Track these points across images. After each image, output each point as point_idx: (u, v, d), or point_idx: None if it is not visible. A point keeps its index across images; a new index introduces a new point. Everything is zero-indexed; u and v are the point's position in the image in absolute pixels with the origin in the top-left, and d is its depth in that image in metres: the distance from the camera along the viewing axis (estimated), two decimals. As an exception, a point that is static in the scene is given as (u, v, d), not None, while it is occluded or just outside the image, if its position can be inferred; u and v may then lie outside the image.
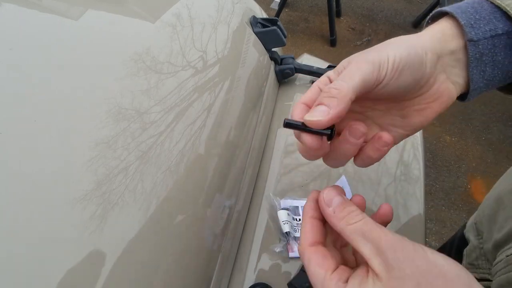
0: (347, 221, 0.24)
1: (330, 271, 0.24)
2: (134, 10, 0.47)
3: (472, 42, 0.27)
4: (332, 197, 0.26)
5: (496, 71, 0.28)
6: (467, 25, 0.27)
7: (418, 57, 0.27)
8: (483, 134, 1.79)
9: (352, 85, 0.25)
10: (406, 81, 0.27)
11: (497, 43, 0.27)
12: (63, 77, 0.33)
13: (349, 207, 0.25)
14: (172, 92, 0.39)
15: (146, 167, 0.32)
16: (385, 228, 0.23)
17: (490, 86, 0.30)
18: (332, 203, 0.26)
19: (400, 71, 0.26)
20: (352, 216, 0.24)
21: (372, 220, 0.24)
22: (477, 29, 0.27)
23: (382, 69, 0.26)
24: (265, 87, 0.58)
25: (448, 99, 0.29)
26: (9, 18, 0.35)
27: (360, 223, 0.24)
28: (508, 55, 0.28)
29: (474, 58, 0.28)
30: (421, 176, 0.56)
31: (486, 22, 0.27)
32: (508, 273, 0.36)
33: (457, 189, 1.58)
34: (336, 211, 0.25)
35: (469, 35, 0.27)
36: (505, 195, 0.42)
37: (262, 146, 0.56)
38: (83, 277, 0.25)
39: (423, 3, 2.47)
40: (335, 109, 0.24)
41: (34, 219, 0.25)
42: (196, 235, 0.36)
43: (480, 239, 0.48)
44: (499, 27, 0.27)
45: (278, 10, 2.12)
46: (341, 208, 0.25)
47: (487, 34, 0.27)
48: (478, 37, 0.27)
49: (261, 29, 0.59)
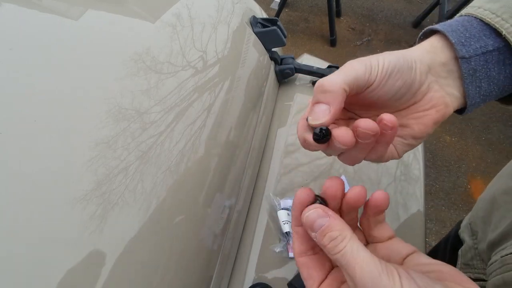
0: (328, 251, 0.23)
1: (314, 286, 0.25)
2: (134, 10, 0.47)
3: (464, 59, 0.28)
4: (313, 221, 0.24)
5: (492, 86, 0.29)
6: (457, 43, 0.28)
7: (406, 62, 0.28)
8: (483, 134, 1.79)
9: (343, 78, 0.25)
10: (396, 84, 0.28)
11: (489, 59, 0.28)
12: (63, 77, 0.33)
13: (330, 232, 0.23)
14: (172, 92, 0.39)
15: (146, 167, 0.32)
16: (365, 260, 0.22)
17: (487, 100, 0.30)
18: (314, 228, 0.24)
19: (389, 73, 0.27)
20: (332, 247, 0.23)
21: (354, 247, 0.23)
22: (468, 47, 0.28)
23: (373, 71, 0.27)
24: (265, 87, 0.58)
25: (445, 108, 0.29)
26: (9, 18, 0.35)
27: (339, 255, 0.22)
28: (502, 70, 0.28)
29: (468, 74, 0.28)
30: (421, 176, 0.56)
31: (476, 39, 0.28)
32: (503, 274, 0.36)
33: (457, 189, 1.58)
34: (317, 238, 0.24)
35: (460, 53, 0.28)
36: (499, 196, 0.43)
37: (262, 146, 0.56)
38: (83, 277, 0.25)
39: (423, 3, 2.47)
40: (333, 107, 0.25)
41: (34, 219, 0.25)
42: (196, 235, 0.36)
43: (474, 239, 0.48)
44: (489, 44, 0.28)
45: (278, 10, 2.12)
46: (322, 236, 0.23)
47: (478, 51, 0.28)
48: (469, 54, 0.28)
49: (261, 29, 0.59)
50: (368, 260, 0.22)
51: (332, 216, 0.24)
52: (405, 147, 0.31)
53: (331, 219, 0.24)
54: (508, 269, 0.35)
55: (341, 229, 0.23)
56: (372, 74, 0.27)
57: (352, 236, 0.23)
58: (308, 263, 0.26)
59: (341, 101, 0.25)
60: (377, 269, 0.21)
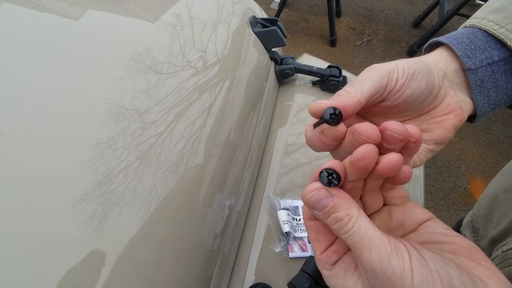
0: (333, 230, 0.22)
1: (320, 250, 0.24)
2: (134, 10, 0.47)
3: (471, 71, 0.28)
4: (315, 203, 0.22)
5: (501, 95, 0.29)
6: (463, 55, 0.28)
7: (425, 66, 0.27)
8: (483, 134, 1.79)
9: (361, 90, 0.25)
10: (420, 86, 0.27)
11: (495, 69, 0.28)
12: (63, 77, 0.33)
13: (335, 214, 0.22)
14: (172, 92, 0.39)
15: (146, 167, 0.32)
16: (375, 241, 0.20)
17: (497, 108, 0.30)
18: (317, 208, 0.22)
19: (411, 75, 0.27)
20: (337, 228, 0.22)
21: (362, 227, 0.21)
22: (474, 59, 0.28)
23: (392, 75, 0.26)
24: (265, 87, 0.58)
25: (462, 112, 0.29)
26: (9, 18, 0.35)
27: (345, 236, 0.21)
28: (509, 79, 0.29)
29: (475, 85, 0.28)
30: (421, 176, 0.56)
31: (481, 51, 0.28)
32: (504, 269, 0.36)
33: (457, 189, 1.58)
34: (321, 217, 0.22)
35: (466, 65, 0.28)
36: (501, 193, 0.43)
37: (262, 146, 0.56)
38: (83, 277, 0.25)
39: (423, 3, 2.47)
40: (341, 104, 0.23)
41: (34, 219, 0.25)
42: (196, 235, 0.36)
43: (476, 236, 0.49)
44: (495, 55, 0.28)
45: (278, 10, 2.12)
46: (326, 216, 0.22)
47: (484, 62, 0.28)
48: (476, 65, 0.28)
49: (261, 29, 0.59)
50: (377, 241, 0.20)
51: (336, 195, 0.22)
52: (427, 153, 0.30)
53: (335, 198, 0.22)
54: (509, 263, 0.36)
55: (347, 208, 0.21)
56: (391, 78, 0.26)
57: (359, 213, 0.21)
58: (317, 227, 0.24)
59: (355, 108, 0.24)
60: (386, 251, 0.20)
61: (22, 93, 0.30)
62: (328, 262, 0.24)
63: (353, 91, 0.25)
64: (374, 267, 0.20)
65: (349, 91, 0.25)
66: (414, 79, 0.27)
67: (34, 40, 0.34)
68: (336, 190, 0.22)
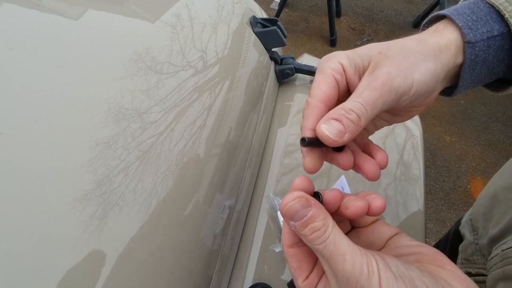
0: (309, 241, 0.23)
1: (301, 278, 0.24)
2: (134, 10, 0.47)
3: (470, 44, 0.27)
4: (293, 213, 0.23)
5: (484, 68, 0.29)
6: (465, 26, 0.27)
7: (435, 80, 0.27)
8: (483, 134, 1.79)
9: (371, 114, 0.25)
10: (418, 101, 0.28)
11: (491, 44, 0.28)
12: (63, 77, 0.33)
13: (313, 224, 0.22)
14: (172, 92, 0.39)
15: (146, 167, 0.32)
16: (348, 251, 0.21)
17: (476, 83, 0.30)
18: (295, 218, 0.23)
19: (417, 96, 0.27)
20: (314, 238, 0.22)
21: (337, 238, 0.22)
22: (475, 31, 0.27)
23: (403, 99, 0.26)
24: (265, 87, 0.58)
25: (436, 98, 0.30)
26: (9, 17, 0.35)
27: (321, 246, 0.22)
28: (498, 55, 0.28)
29: (469, 59, 0.28)
30: (421, 176, 0.56)
31: (483, 23, 0.27)
32: (504, 267, 0.36)
33: (457, 189, 1.58)
34: (298, 228, 0.23)
35: (467, 37, 0.27)
36: (500, 192, 0.43)
37: (262, 146, 0.56)
38: (83, 277, 0.25)
39: (423, 3, 2.47)
40: (351, 134, 0.24)
41: (34, 219, 0.25)
42: (196, 235, 0.36)
43: (475, 235, 0.49)
44: (495, 28, 0.27)
45: (278, 10, 2.12)
46: (303, 227, 0.22)
47: (484, 36, 0.27)
48: (476, 39, 0.27)
49: (261, 29, 0.59)
50: (351, 251, 0.21)
51: (315, 205, 0.23)
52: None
53: (314, 208, 0.23)
54: (509, 262, 0.36)
55: (324, 218, 0.22)
56: (401, 101, 0.26)
57: (334, 224, 0.23)
58: (299, 254, 0.25)
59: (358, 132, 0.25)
60: (359, 261, 0.21)
61: (22, 93, 0.30)
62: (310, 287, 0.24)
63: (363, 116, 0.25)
64: (349, 275, 0.21)
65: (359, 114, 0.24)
66: (418, 98, 0.27)
67: (34, 40, 0.34)
68: (314, 200, 0.23)
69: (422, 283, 0.21)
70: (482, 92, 1.98)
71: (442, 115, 1.86)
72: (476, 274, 0.46)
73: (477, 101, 1.94)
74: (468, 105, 1.91)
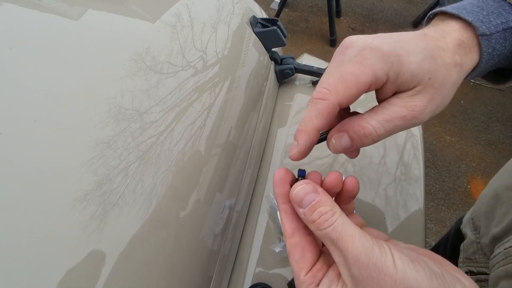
0: (317, 226, 0.23)
1: (304, 271, 0.24)
2: (134, 10, 0.47)
3: (485, 37, 0.25)
4: (302, 197, 0.24)
5: (495, 61, 0.27)
6: (476, 20, 0.26)
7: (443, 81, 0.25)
8: (483, 134, 1.79)
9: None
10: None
11: (508, 36, 0.26)
12: (63, 76, 0.33)
13: (320, 208, 0.23)
14: (172, 92, 0.39)
15: (146, 167, 0.32)
16: (357, 232, 0.22)
17: (480, 74, 0.29)
18: (303, 203, 0.23)
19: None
20: (322, 221, 0.22)
21: (345, 221, 0.22)
22: (488, 23, 0.26)
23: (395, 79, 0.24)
24: (265, 87, 0.58)
25: None
26: (9, 18, 0.35)
27: (329, 229, 0.22)
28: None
29: (487, 53, 0.26)
30: (421, 176, 0.56)
31: (496, 15, 0.26)
32: (506, 265, 0.36)
33: (457, 189, 1.58)
34: (306, 214, 0.23)
35: (480, 29, 0.25)
36: (502, 192, 0.43)
37: (262, 146, 0.56)
38: (83, 277, 0.25)
39: (423, 3, 2.47)
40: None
41: (34, 219, 0.25)
42: (196, 235, 0.36)
43: (477, 234, 0.49)
44: (510, 20, 0.26)
45: (278, 10, 2.12)
46: (311, 211, 0.23)
47: (499, 28, 0.26)
48: (490, 30, 0.25)
49: (261, 29, 0.59)
50: (360, 233, 0.21)
51: (322, 192, 0.24)
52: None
53: (321, 195, 0.23)
54: (511, 260, 0.36)
55: (331, 204, 0.23)
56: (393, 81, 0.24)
57: (341, 212, 0.23)
58: (302, 243, 0.25)
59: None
60: (369, 242, 0.21)
61: (22, 93, 0.30)
62: (314, 282, 0.23)
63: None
64: (360, 254, 0.20)
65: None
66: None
67: (34, 40, 0.34)
68: (321, 189, 0.24)
69: (436, 267, 0.21)
70: (482, 92, 1.98)
71: (442, 115, 1.86)
72: (478, 273, 0.46)
73: (477, 101, 1.94)
74: (468, 105, 1.91)
